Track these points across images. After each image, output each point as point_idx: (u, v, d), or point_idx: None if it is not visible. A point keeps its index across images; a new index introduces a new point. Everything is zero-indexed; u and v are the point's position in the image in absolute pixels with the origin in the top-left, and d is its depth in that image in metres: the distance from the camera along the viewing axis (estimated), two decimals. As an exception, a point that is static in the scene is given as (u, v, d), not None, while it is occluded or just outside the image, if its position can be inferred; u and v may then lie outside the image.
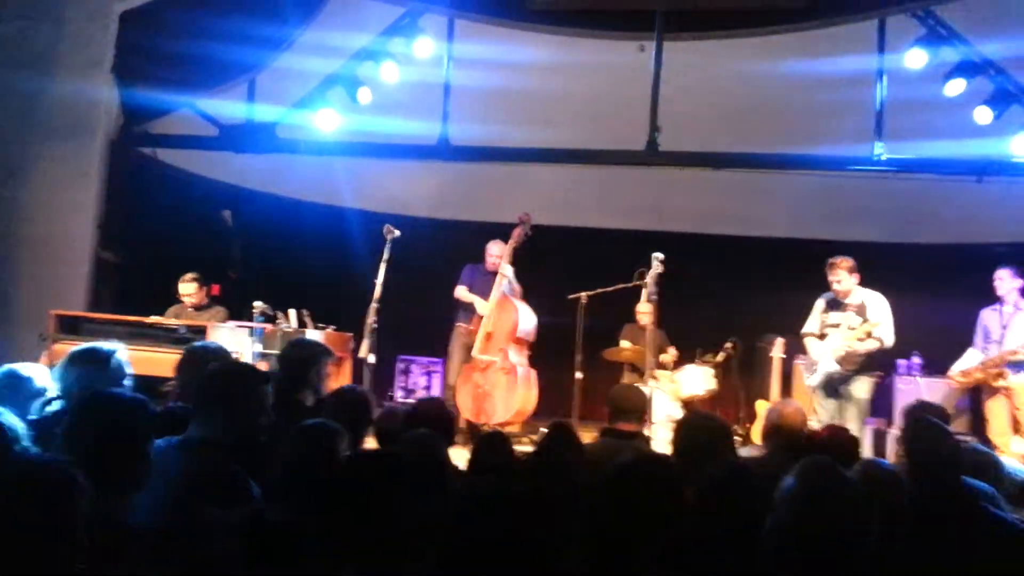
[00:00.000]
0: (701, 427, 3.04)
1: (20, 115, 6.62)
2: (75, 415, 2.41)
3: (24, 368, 3.45)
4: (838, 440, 3.45)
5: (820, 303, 6.18)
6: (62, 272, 6.59)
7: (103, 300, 6.63)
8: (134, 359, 5.50)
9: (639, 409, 3.87)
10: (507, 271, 6.90)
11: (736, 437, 7.33)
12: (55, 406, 3.12)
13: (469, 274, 7.13)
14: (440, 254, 7.54)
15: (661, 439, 5.11)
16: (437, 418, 3.43)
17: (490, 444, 3.58)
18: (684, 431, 3.04)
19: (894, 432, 6.32)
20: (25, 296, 6.36)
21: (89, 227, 6.73)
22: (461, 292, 7.08)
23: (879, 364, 6.05)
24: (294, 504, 2.65)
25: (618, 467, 2.30)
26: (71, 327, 5.76)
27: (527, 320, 6.82)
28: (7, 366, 3.46)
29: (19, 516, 1.79)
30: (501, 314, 6.80)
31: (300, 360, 3.82)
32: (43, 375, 3.35)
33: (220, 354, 3.95)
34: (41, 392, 3.27)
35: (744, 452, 5.05)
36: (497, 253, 7.05)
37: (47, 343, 5.56)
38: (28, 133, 6.63)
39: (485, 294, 6.96)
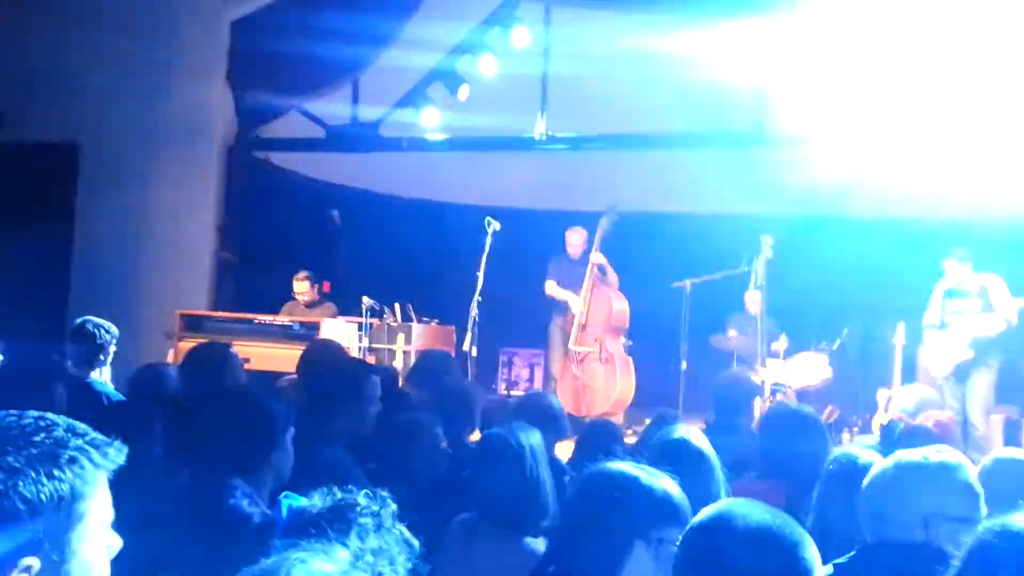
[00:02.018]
0: (787, 419, 2.90)
1: (144, 123, 7.02)
2: (207, 412, 2.50)
3: (165, 367, 3.65)
4: (937, 426, 3.25)
5: (939, 291, 6.11)
6: (185, 272, 6.96)
7: (223, 299, 6.96)
8: (253, 354, 5.84)
9: (746, 401, 3.74)
10: (598, 259, 6.81)
11: (854, 428, 7.06)
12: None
13: (556, 267, 7.07)
14: (542, 245, 7.51)
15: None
16: (541, 411, 3.40)
17: (596, 433, 3.55)
18: (768, 424, 2.91)
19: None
20: (151, 295, 6.76)
21: (210, 229, 7.08)
22: (552, 289, 7.02)
23: (1002, 347, 5.90)
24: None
25: None
26: (195, 325, 6.08)
27: (620, 307, 6.72)
28: (147, 364, 3.67)
29: None
30: (594, 304, 6.74)
31: (436, 364, 3.90)
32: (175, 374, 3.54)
33: (336, 350, 4.06)
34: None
35: (863, 440, 4.80)
36: (576, 242, 6.97)
37: (172, 341, 5.88)
38: (151, 140, 7.03)
39: (574, 284, 6.89)
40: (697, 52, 7.17)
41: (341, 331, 6.04)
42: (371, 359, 5.87)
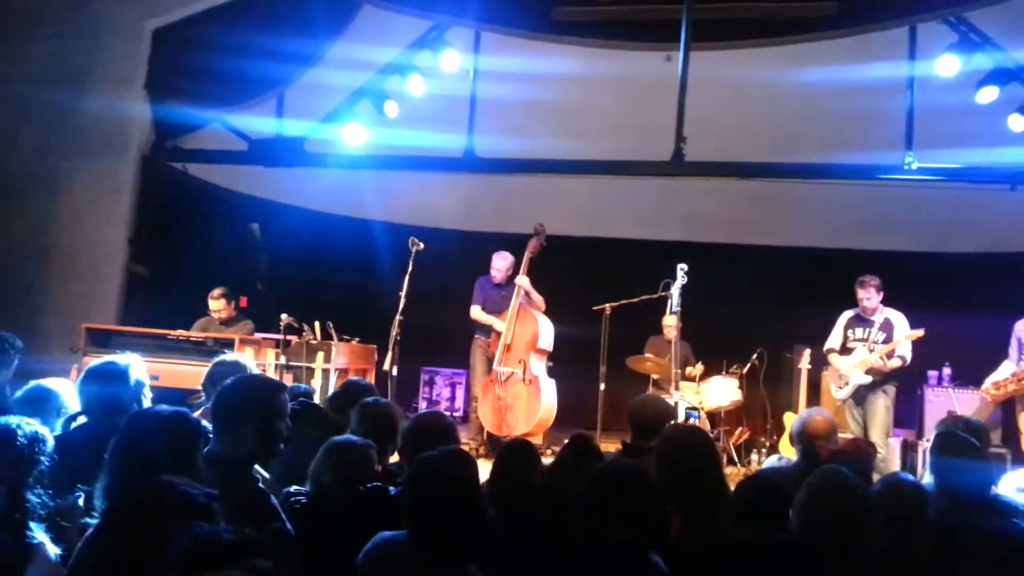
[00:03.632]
0: (682, 441, 2.98)
1: (55, 131, 6.77)
2: (129, 432, 2.46)
3: (52, 383, 3.49)
4: (856, 450, 3.40)
5: (843, 319, 6.35)
6: (94, 285, 6.71)
7: (133, 313, 6.73)
8: (163, 371, 5.65)
9: (659, 423, 3.82)
10: (524, 282, 6.87)
11: (762, 448, 7.30)
12: (79, 421, 3.15)
13: (481, 289, 7.10)
14: (466, 266, 7.54)
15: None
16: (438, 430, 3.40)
17: (514, 455, 3.57)
18: (665, 446, 2.98)
19: (924, 444, 6.24)
20: (57, 309, 6.49)
21: (121, 241, 6.85)
22: (477, 314, 7.04)
23: (900, 372, 6.18)
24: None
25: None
26: (102, 340, 5.83)
27: (546, 330, 6.79)
28: (35, 381, 3.50)
29: None
30: (520, 325, 6.78)
31: (358, 393, 3.86)
32: (70, 391, 3.38)
33: (241, 368, 3.97)
34: (65, 408, 3.30)
35: (772, 461, 4.97)
36: (500, 267, 7.00)
37: (78, 356, 5.65)
38: (62, 148, 6.78)
39: (499, 307, 6.93)
40: (622, 81, 7.38)
41: (257, 348, 5.92)
42: (289, 377, 5.77)
